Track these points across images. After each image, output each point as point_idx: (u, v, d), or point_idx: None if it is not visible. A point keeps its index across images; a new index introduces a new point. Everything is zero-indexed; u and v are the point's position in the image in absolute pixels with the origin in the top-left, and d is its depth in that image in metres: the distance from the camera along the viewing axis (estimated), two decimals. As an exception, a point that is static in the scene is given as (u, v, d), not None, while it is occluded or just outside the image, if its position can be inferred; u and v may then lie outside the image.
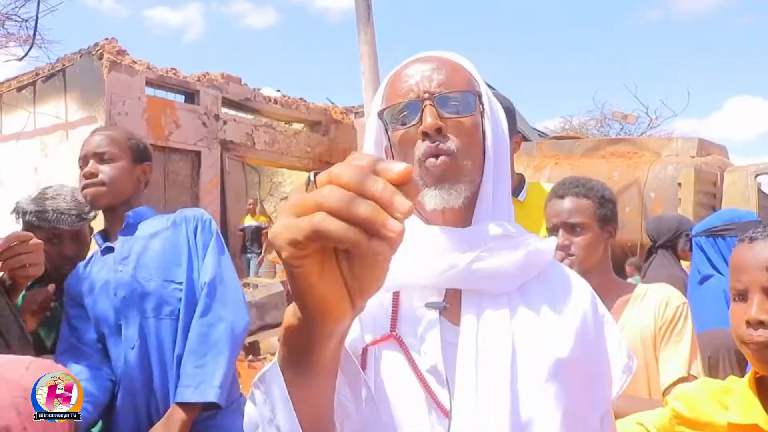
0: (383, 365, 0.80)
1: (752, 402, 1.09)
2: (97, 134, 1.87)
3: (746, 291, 1.11)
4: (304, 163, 12.34)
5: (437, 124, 0.83)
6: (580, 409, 0.84)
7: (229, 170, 10.92)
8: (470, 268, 0.83)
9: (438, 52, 0.92)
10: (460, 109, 0.86)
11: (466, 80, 0.89)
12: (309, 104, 12.68)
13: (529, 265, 0.87)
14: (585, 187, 1.68)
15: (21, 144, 10.16)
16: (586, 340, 0.87)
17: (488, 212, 0.88)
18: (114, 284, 1.77)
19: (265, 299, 8.29)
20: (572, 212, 1.65)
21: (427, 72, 0.87)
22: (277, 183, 16.89)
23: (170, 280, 1.76)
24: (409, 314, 0.83)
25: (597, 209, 1.66)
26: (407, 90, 0.87)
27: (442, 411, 0.78)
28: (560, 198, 1.69)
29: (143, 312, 1.74)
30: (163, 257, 1.78)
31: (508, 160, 0.92)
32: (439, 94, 0.85)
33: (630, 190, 7.81)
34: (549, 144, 9.00)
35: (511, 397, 0.79)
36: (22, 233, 1.56)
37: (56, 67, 9.78)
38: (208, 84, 10.67)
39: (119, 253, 1.80)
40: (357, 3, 5.19)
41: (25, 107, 10.13)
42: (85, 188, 1.81)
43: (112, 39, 9.51)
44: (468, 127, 0.86)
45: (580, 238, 1.64)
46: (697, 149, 8.12)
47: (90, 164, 1.80)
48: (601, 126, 20.18)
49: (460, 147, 0.85)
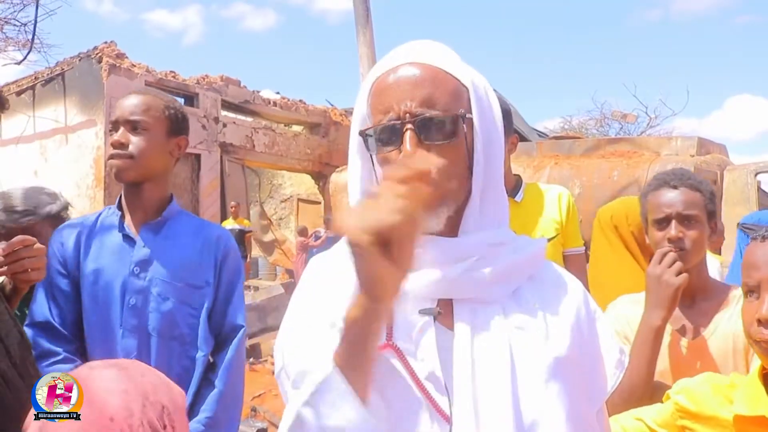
0: (383, 375, 0.79)
1: (760, 395, 1.10)
2: (134, 98, 1.69)
3: (758, 288, 1.12)
4: (303, 165, 12.35)
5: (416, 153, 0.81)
6: (581, 407, 0.84)
7: (228, 173, 10.93)
8: (461, 278, 0.83)
9: (422, 51, 0.88)
10: (442, 134, 0.83)
11: (450, 93, 0.85)
12: (308, 106, 12.70)
13: (520, 270, 0.87)
14: (696, 180, 1.60)
15: (21, 148, 10.18)
16: (581, 338, 0.87)
17: (476, 221, 0.87)
18: (126, 287, 1.62)
19: (266, 302, 8.30)
20: (688, 204, 1.56)
21: (409, 86, 0.84)
22: (277, 185, 16.89)
23: (187, 303, 1.64)
24: (403, 322, 0.82)
25: (707, 204, 1.58)
26: (387, 107, 0.84)
27: (443, 417, 0.77)
28: (673, 188, 1.59)
29: (148, 327, 1.61)
30: (185, 275, 1.65)
31: (500, 164, 0.90)
32: (420, 117, 0.82)
33: (630, 189, 7.80)
34: (548, 144, 8.99)
35: (512, 399, 0.78)
36: (26, 237, 1.51)
37: (55, 71, 9.81)
38: (208, 87, 10.69)
39: (140, 252, 1.65)
40: (356, 5, 5.20)
41: (24, 111, 10.14)
42: (111, 158, 1.64)
43: (111, 42, 9.53)
44: (451, 150, 0.84)
45: (693, 232, 1.55)
46: (696, 148, 8.13)
47: (120, 132, 1.63)
48: (601, 126, 20.20)
49: (443, 171, 0.82)
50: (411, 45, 0.90)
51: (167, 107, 1.70)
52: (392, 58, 0.89)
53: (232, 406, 1.66)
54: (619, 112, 19.11)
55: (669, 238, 1.54)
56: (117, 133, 1.64)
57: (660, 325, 1.43)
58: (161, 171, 1.69)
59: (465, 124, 0.85)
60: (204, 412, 1.60)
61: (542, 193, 2.34)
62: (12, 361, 1.24)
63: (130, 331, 1.61)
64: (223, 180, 10.79)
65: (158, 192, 1.71)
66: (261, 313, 8.07)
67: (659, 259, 1.48)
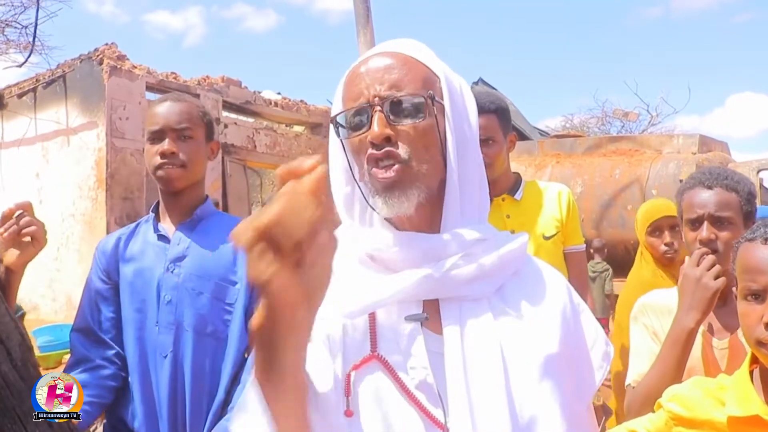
0: (369, 389, 0.77)
1: (750, 394, 1.09)
2: (175, 104, 1.71)
3: (764, 291, 1.10)
4: (305, 165, 12.35)
5: (384, 133, 0.81)
6: (574, 402, 0.84)
7: (230, 173, 10.93)
8: (445, 276, 0.81)
9: (395, 44, 0.89)
10: (411, 114, 0.83)
11: (420, 78, 0.85)
12: (310, 106, 12.70)
13: (504, 265, 0.86)
14: (733, 180, 1.55)
15: (22, 150, 10.19)
16: (568, 332, 0.87)
17: (456, 216, 0.85)
18: (161, 283, 1.65)
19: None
20: (721, 205, 1.52)
21: (379, 73, 0.84)
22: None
23: (220, 299, 1.65)
24: (390, 331, 0.80)
25: (744, 205, 1.53)
26: (358, 93, 0.84)
27: (438, 426, 0.76)
28: (708, 188, 1.54)
29: (183, 323, 1.63)
30: (217, 272, 1.66)
31: (476, 156, 0.89)
32: (389, 98, 0.82)
33: (631, 187, 7.80)
34: (550, 143, 8.99)
35: (507, 400, 0.77)
36: (24, 202, 1.50)
37: (56, 73, 9.82)
38: (209, 88, 10.69)
39: (175, 249, 1.68)
40: (356, 5, 5.20)
41: (26, 113, 10.16)
42: (161, 168, 1.66)
43: (112, 44, 9.53)
44: (420, 131, 0.83)
45: (726, 233, 1.50)
46: (698, 146, 8.12)
47: (167, 142, 1.66)
48: (602, 124, 20.17)
49: (412, 153, 0.82)
50: (387, 41, 0.91)
51: (203, 113, 1.77)
52: (367, 53, 0.89)
53: None
54: (621, 110, 19.08)
55: (700, 239, 1.51)
56: (163, 141, 1.66)
57: (693, 328, 1.39)
58: (203, 175, 1.76)
59: (435, 108, 0.84)
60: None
61: (542, 191, 2.34)
62: (13, 363, 1.25)
63: (165, 328, 1.64)
64: (224, 181, 10.79)
65: (197, 194, 1.76)
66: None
67: (697, 261, 1.44)
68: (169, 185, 1.69)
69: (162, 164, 1.66)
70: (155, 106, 1.73)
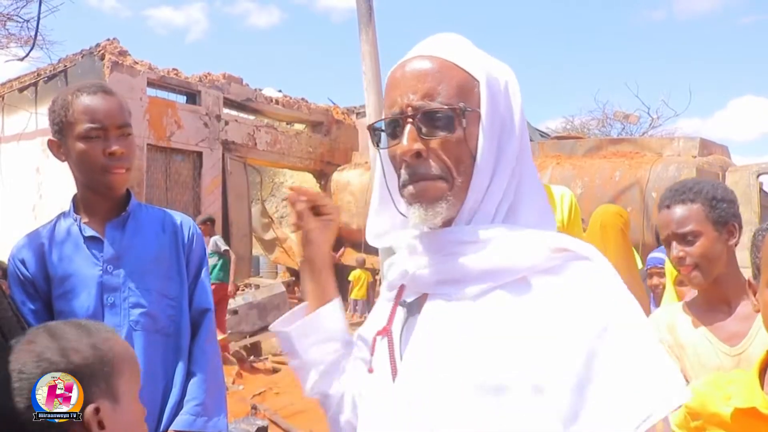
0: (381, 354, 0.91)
1: (754, 388, 1.11)
2: (111, 98, 1.56)
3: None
4: (305, 163, 12.35)
5: (413, 149, 0.82)
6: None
7: (230, 171, 10.93)
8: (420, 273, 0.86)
9: (435, 44, 0.87)
10: (442, 126, 0.82)
11: (455, 86, 0.83)
12: (310, 104, 12.69)
13: (496, 271, 0.81)
14: (692, 191, 1.56)
15: (23, 145, 10.18)
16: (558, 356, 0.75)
17: (468, 216, 0.85)
18: (101, 286, 1.57)
19: (267, 300, 8.29)
20: (680, 222, 1.54)
21: (413, 81, 0.83)
22: (278, 183, 16.90)
23: (164, 294, 1.62)
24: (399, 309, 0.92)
25: (708, 212, 1.53)
26: (392, 101, 0.85)
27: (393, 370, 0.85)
28: (666, 208, 1.58)
29: (131, 323, 1.57)
30: (158, 267, 1.63)
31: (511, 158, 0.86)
32: (420, 109, 0.82)
33: (632, 190, 7.81)
34: (551, 144, 9.00)
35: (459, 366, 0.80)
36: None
37: (58, 68, 9.81)
38: (210, 84, 10.69)
39: (109, 250, 1.59)
40: (358, 3, 5.19)
41: (26, 108, 10.15)
42: (110, 171, 1.54)
43: (114, 39, 9.53)
44: (453, 144, 0.83)
45: (694, 247, 1.52)
46: (698, 149, 8.13)
47: (114, 140, 1.52)
48: (603, 126, 20.19)
49: (444, 167, 0.82)
50: (430, 38, 0.90)
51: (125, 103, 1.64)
52: (410, 52, 0.89)
53: (216, 390, 1.65)
54: (622, 112, 19.10)
55: (671, 259, 1.56)
56: (108, 140, 1.52)
57: None
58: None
59: (466, 119, 0.83)
60: (190, 402, 1.59)
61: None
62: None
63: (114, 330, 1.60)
64: (224, 178, 10.79)
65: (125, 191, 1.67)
66: (262, 312, 8.07)
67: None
68: (115, 190, 1.60)
69: (111, 167, 1.53)
70: (84, 96, 1.54)
